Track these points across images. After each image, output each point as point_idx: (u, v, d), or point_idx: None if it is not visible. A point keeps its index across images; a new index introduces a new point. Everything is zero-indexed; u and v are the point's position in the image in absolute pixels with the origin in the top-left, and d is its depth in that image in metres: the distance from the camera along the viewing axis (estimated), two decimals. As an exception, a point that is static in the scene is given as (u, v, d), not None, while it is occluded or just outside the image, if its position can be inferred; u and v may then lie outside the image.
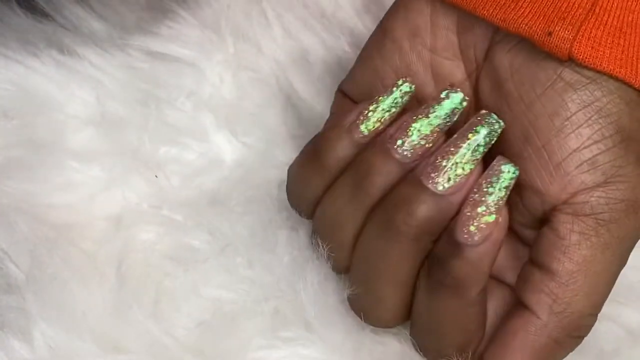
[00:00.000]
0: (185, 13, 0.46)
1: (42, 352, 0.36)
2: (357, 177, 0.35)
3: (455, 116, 0.35)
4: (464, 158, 0.34)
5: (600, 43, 0.33)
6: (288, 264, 0.39)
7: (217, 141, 0.44)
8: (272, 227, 0.41)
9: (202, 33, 0.46)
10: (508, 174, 0.33)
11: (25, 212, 0.40)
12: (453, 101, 0.35)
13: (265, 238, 0.40)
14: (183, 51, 0.45)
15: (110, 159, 0.42)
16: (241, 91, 0.45)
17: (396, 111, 0.36)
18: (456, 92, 0.35)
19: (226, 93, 0.45)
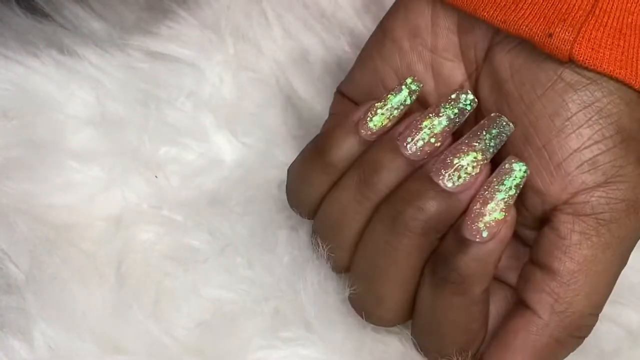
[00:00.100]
0: (185, 13, 0.46)
1: (42, 352, 0.36)
2: (364, 174, 0.35)
3: (464, 117, 0.35)
4: (475, 157, 0.34)
5: (600, 44, 0.33)
6: (288, 264, 0.39)
7: (217, 141, 0.44)
8: (272, 227, 0.41)
9: (202, 33, 0.46)
10: (519, 172, 0.33)
11: (25, 212, 0.40)
12: (463, 102, 0.35)
13: (265, 238, 0.40)
14: (183, 51, 0.45)
15: (110, 159, 0.42)
16: (241, 91, 0.45)
17: (403, 110, 0.36)
18: (467, 94, 0.35)
19: (226, 93, 0.45)
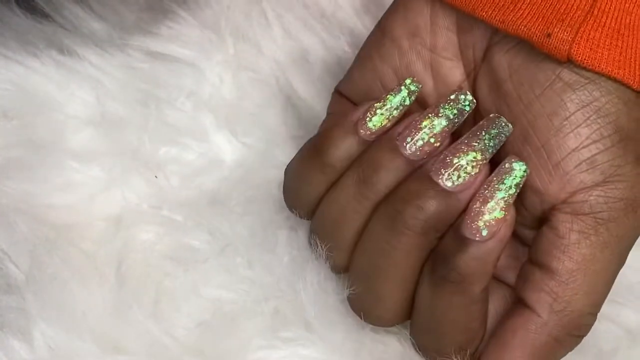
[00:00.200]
0: (185, 13, 0.46)
1: (42, 352, 0.36)
2: (364, 174, 0.35)
3: (462, 117, 0.35)
4: (474, 157, 0.34)
5: (598, 45, 0.33)
6: (288, 264, 0.39)
7: (217, 141, 0.44)
8: (272, 227, 0.41)
9: (202, 33, 0.46)
10: (519, 172, 0.34)
11: (25, 213, 0.40)
12: (462, 102, 0.35)
13: (265, 238, 0.40)
14: (183, 51, 0.45)
15: (110, 159, 0.42)
16: (241, 91, 0.45)
17: (403, 110, 0.36)
18: (465, 94, 0.36)
19: (226, 93, 0.45)
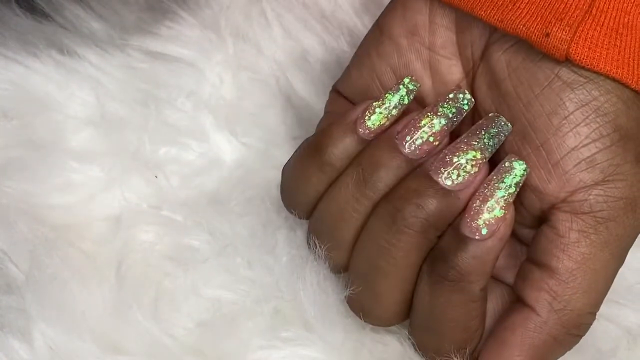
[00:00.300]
0: (184, 13, 0.46)
1: (42, 353, 0.36)
2: (363, 172, 0.35)
3: (461, 116, 0.35)
4: (473, 156, 0.34)
5: (597, 44, 0.33)
6: (288, 264, 0.39)
7: (217, 141, 0.44)
8: (272, 228, 0.41)
9: (202, 33, 0.46)
10: (519, 171, 0.34)
11: (25, 213, 0.40)
12: (461, 101, 0.36)
13: (265, 238, 0.40)
14: (183, 51, 0.45)
15: (110, 159, 0.42)
16: (241, 91, 0.45)
17: (401, 109, 0.36)
18: (464, 93, 0.36)
19: (226, 93, 0.45)
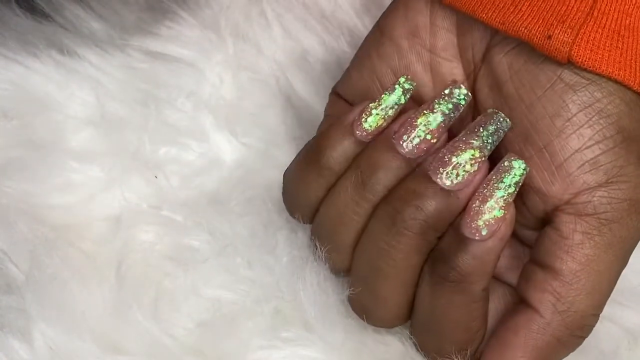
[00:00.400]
0: (184, 13, 0.46)
1: (42, 353, 0.36)
2: (362, 175, 0.35)
3: (458, 112, 0.35)
4: (472, 155, 0.34)
5: (599, 46, 0.33)
6: (288, 264, 0.39)
7: (217, 141, 0.44)
8: (272, 228, 0.41)
9: (202, 33, 0.46)
10: (519, 170, 0.33)
11: (25, 213, 0.40)
12: (457, 97, 0.35)
13: (265, 238, 0.40)
14: (183, 51, 0.45)
15: (110, 159, 0.42)
16: (241, 91, 0.45)
17: (398, 109, 0.36)
18: (460, 88, 0.35)
19: (226, 93, 0.45)
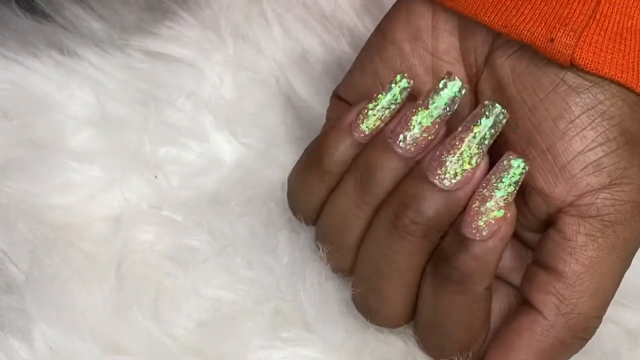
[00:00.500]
0: (184, 13, 0.46)
1: (42, 353, 0.36)
2: (361, 178, 0.35)
3: (455, 105, 0.34)
4: (469, 152, 0.33)
5: (601, 49, 0.33)
6: (288, 265, 0.39)
7: (217, 141, 0.44)
8: (272, 228, 0.41)
9: (202, 33, 0.46)
10: (518, 169, 0.33)
11: (24, 213, 0.40)
12: (452, 90, 0.34)
13: (265, 238, 0.40)
14: (183, 51, 0.45)
15: (110, 159, 0.42)
16: (241, 91, 0.45)
17: (396, 108, 0.35)
18: (454, 80, 0.34)
19: (226, 93, 0.45)
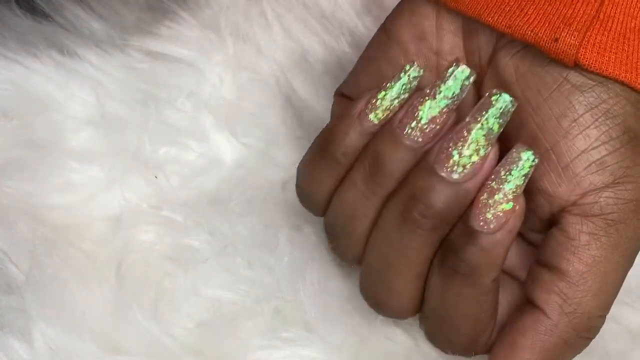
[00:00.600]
0: (184, 13, 0.46)
1: (42, 353, 0.36)
2: (369, 168, 0.34)
3: (464, 93, 0.34)
4: (477, 143, 0.33)
5: (605, 49, 0.33)
6: (288, 264, 0.39)
7: (217, 141, 0.44)
8: (272, 228, 0.41)
9: (202, 33, 0.46)
10: (527, 162, 0.32)
11: (24, 213, 0.40)
12: (460, 77, 0.34)
13: (265, 238, 0.40)
14: (183, 51, 0.45)
15: (110, 159, 0.42)
16: (241, 91, 0.45)
17: (405, 97, 0.35)
18: (462, 67, 0.34)
19: (226, 93, 0.45)
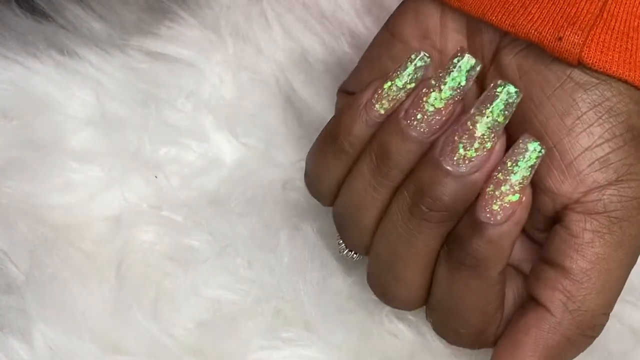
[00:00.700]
0: (185, 13, 0.46)
1: (42, 353, 0.36)
2: (376, 159, 0.34)
3: (469, 82, 0.33)
4: (483, 134, 0.32)
5: (609, 47, 0.33)
6: (288, 264, 0.39)
7: (217, 141, 0.44)
8: (273, 228, 0.41)
9: (202, 33, 0.46)
10: (534, 153, 0.32)
11: (24, 213, 0.40)
12: (465, 67, 0.33)
13: (265, 238, 0.40)
14: (183, 51, 0.45)
15: (110, 159, 0.42)
16: (241, 91, 0.45)
17: (411, 87, 0.34)
18: (466, 58, 0.33)
19: (226, 93, 0.45)
